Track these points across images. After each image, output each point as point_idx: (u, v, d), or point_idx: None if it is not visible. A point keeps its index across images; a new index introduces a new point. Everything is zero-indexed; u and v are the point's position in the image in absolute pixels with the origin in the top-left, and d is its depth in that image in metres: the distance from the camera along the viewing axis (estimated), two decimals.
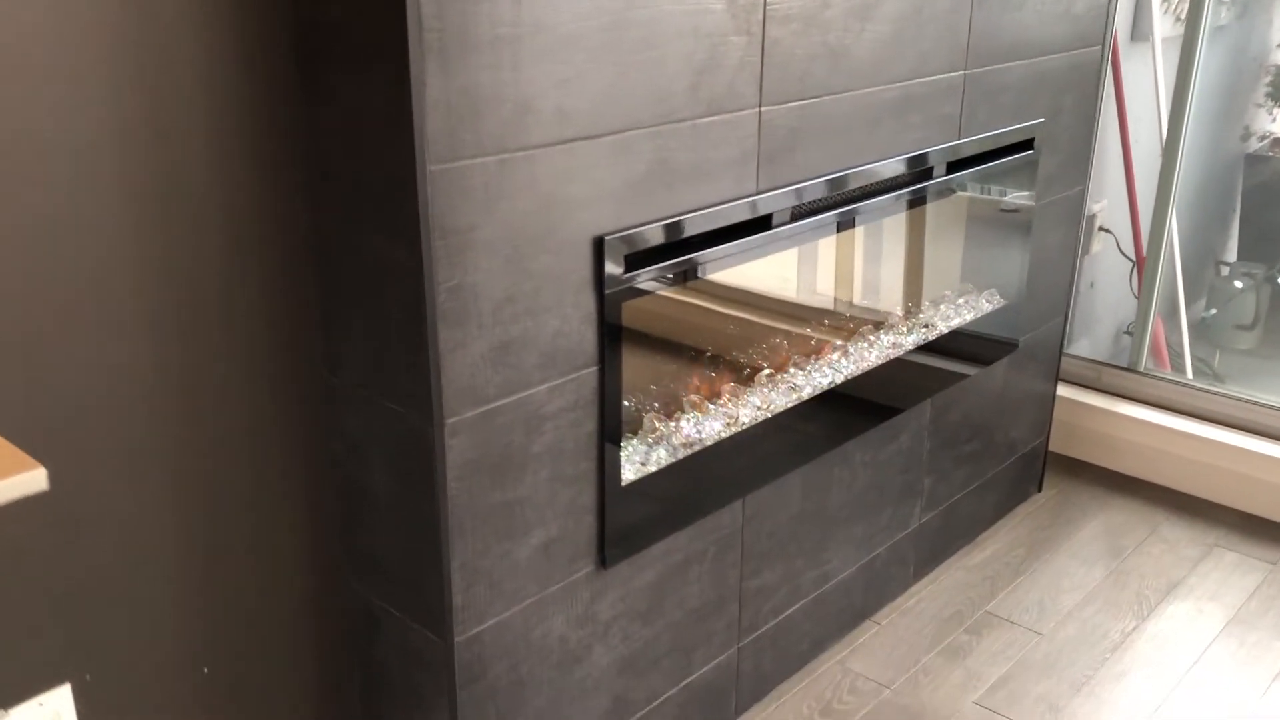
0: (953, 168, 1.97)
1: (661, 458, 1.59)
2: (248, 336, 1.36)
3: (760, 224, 1.62)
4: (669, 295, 1.61)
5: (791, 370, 1.85)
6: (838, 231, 1.84)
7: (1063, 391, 2.73)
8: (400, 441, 1.34)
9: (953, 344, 2.11)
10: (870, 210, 1.82)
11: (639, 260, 1.45)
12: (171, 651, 1.39)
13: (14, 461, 0.86)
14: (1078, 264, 2.82)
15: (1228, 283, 3.50)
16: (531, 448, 1.39)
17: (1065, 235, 2.39)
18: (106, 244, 1.21)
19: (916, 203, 2.00)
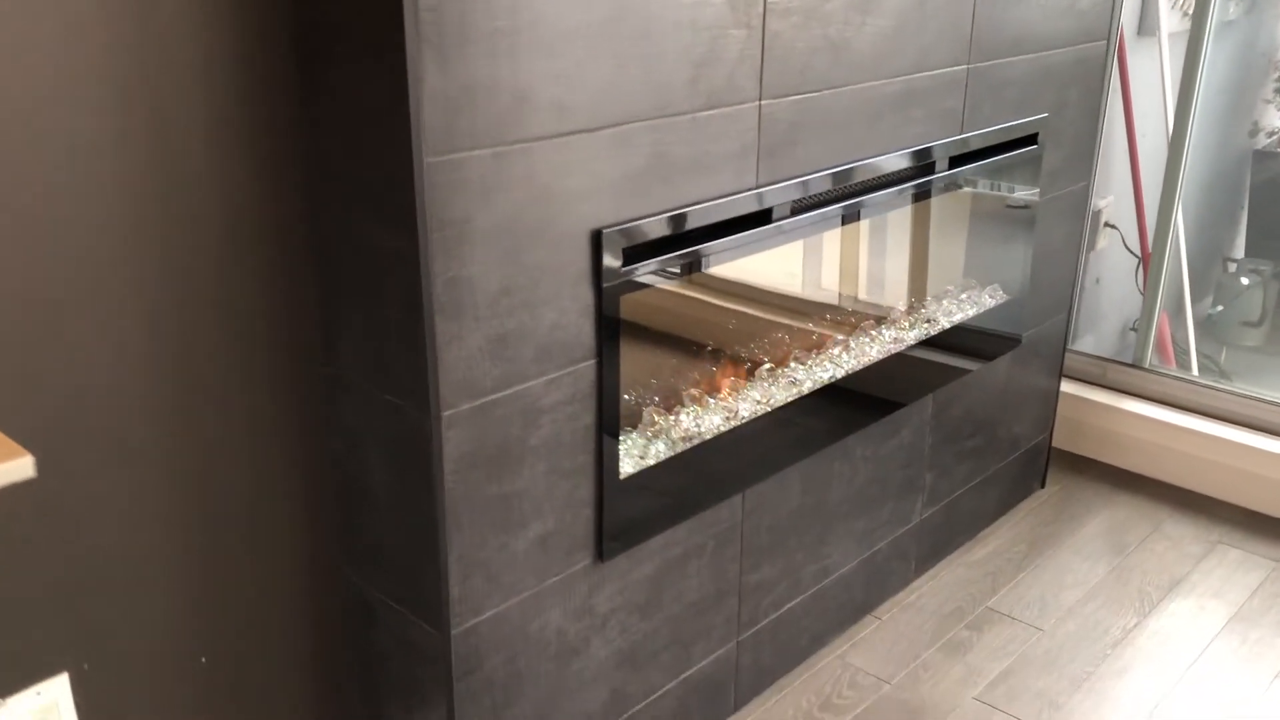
0: (955, 162, 1.97)
1: (660, 451, 1.59)
2: (246, 329, 1.36)
3: (760, 218, 1.61)
4: (668, 289, 1.61)
5: (792, 365, 1.85)
6: (839, 226, 1.84)
7: (1067, 388, 2.73)
8: (397, 434, 1.35)
9: (955, 339, 2.10)
10: (872, 205, 1.82)
11: (637, 254, 1.45)
12: (169, 642, 1.40)
13: (2, 450, 0.87)
14: (1083, 260, 2.82)
15: (1235, 279, 3.49)
16: (529, 441, 1.40)
17: (1069, 231, 2.38)
18: (105, 238, 1.22)
19: (919, 197, 1.99)
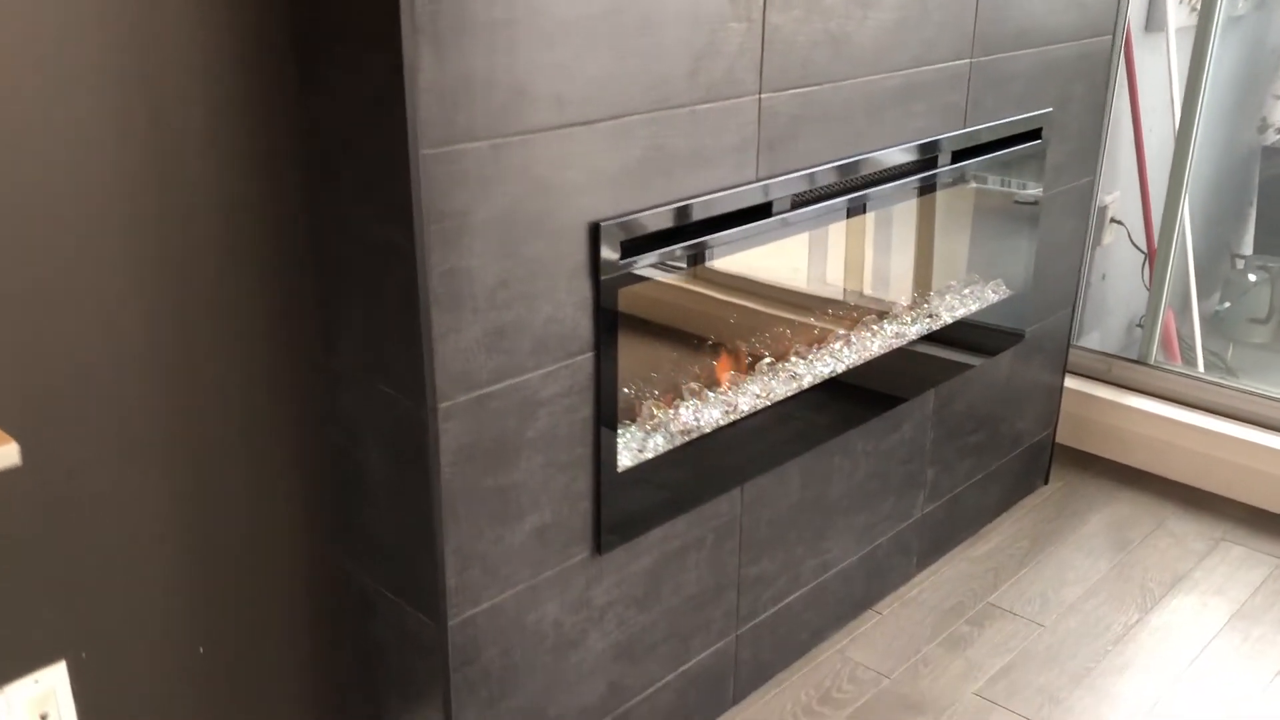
0: (958, 157, 1.96)
1: (659, 445, 1.59)
2: (244, 322, 1.36)
3: (760, 211, 1.61)
4: (667, 282, 1.61)
5: (793, 359, 1.85)
6: (840, 220, 1.84)
7: (1072, 384, 2.72)
8: (394, 426, 1.35)
9: (958, 334, 2.10)
10: (873, 199, 1.81)
11: (636, 247, 1.45)
12: (167, 631, 1.40)
13: None
14: (1089, 256, 2.81)
15: (1242, 276, 3.47)
16: (526, 433, 1.40)
17: (1074, 226, 2.37)
18: (104, 233, 1.22)
19: (921, 192, 1.99)
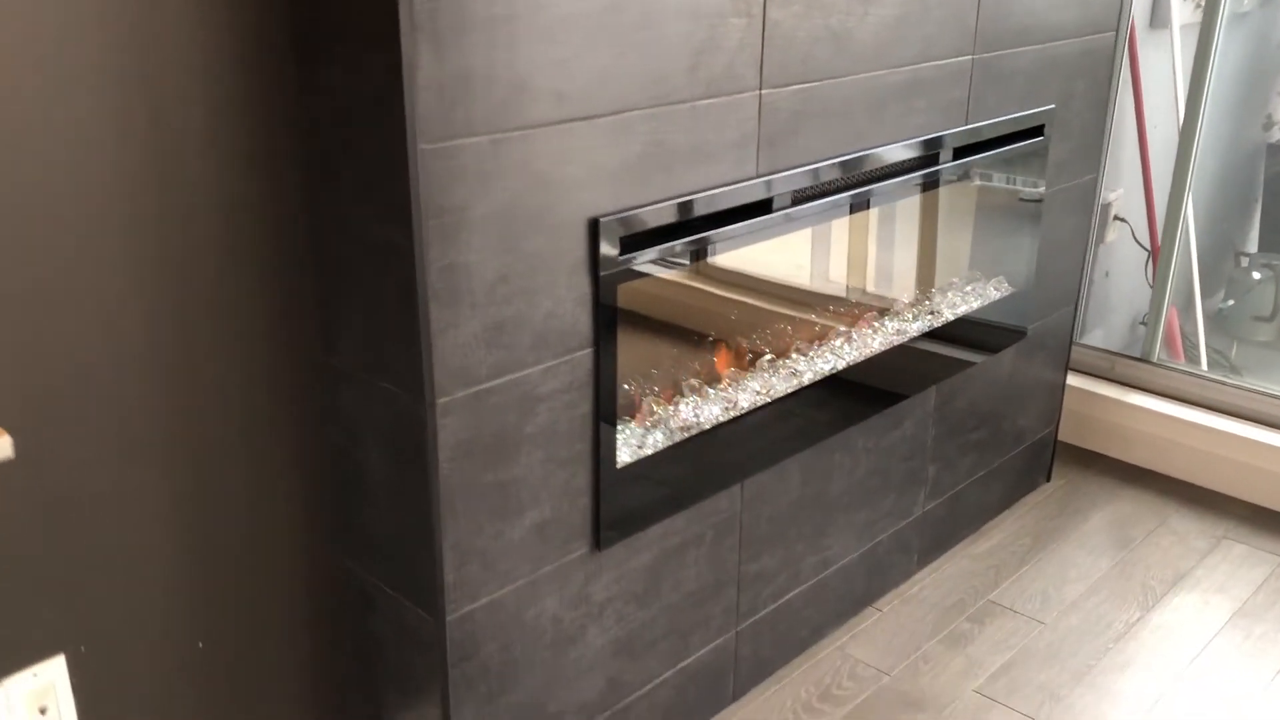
0: (960, 153, 1.96)
1: (658, 441, 1.59)
2: (243, 318, 1.37)
3: (761, 208, 1.61)
4: (667, 278, 1.61)
5: (794, 355, 1.84)
6: (841, 217, 1.83)
7: (1075, 382, 2.72)
8: (393, 421, 1.35)
9: (959, 331, 2.09)
10: (875, 195, 1.81)
11: (635, 242, 1.44)
12: (166, 625, 1.40)
13: None
14: (1092, 253, 2.80)
15: (1247, 274, 3.47)
16: (525, 429, 1.40)
17: (1076, 223, 2.36)
18: (104, 231, 1.22)
19: (923, 189, 1.99)
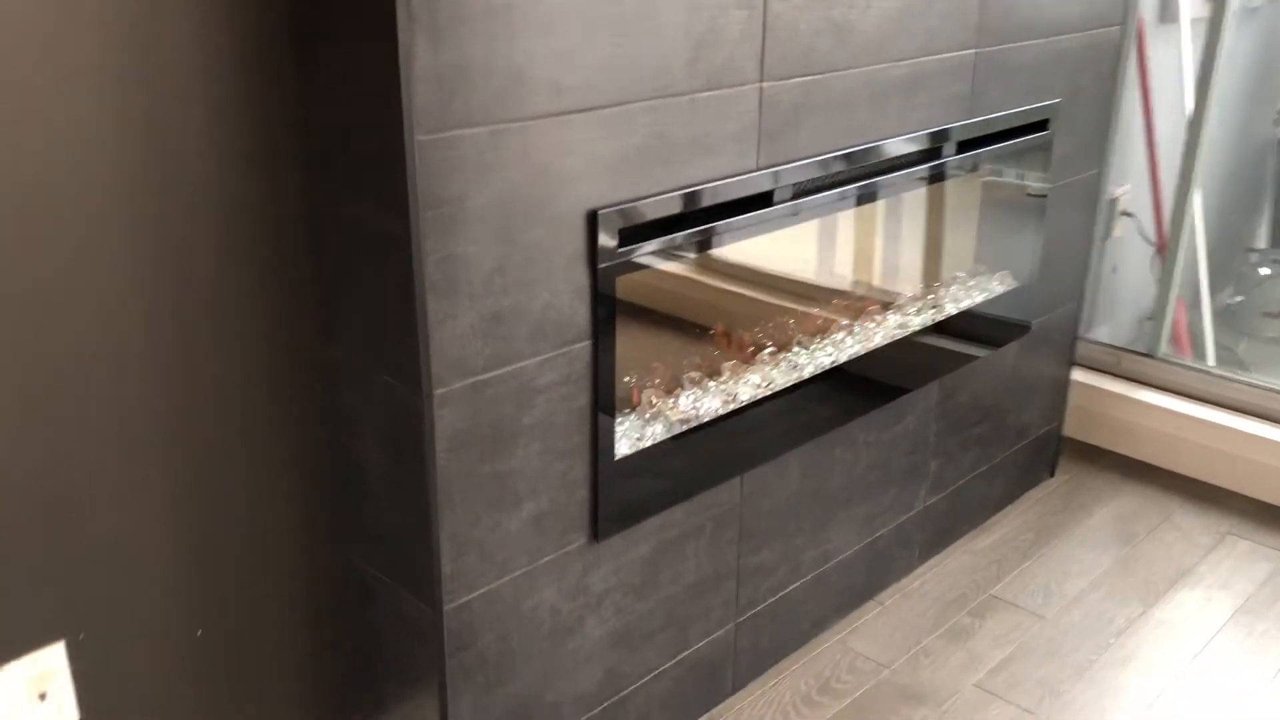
0: (963, 147, 1.95)
1: (658, 433, 1.60)
2: (242, 310, 1.37)
3: (761, 201, 1.61)
4: (666, 270, 1.60)
5: (795, 349, 1.84)
6: (842, 210, 1.83)
7: (1081, 377, 2.71)
8: (391, 412, 1.35)
9: (962, 325, 2.09)
10: (877, 189, 1.81)
11: (634, 235, 1.45)
12: (166, 613, 1.41)
13: None
14: (1099, 248, 2.79)
15: (1255, 270, 3.45)
16: (522, 420, 1.40)
17: (1082, 218, 2.36)
18: (103, 221, 1.23)
19: (926, 182, 1.98)
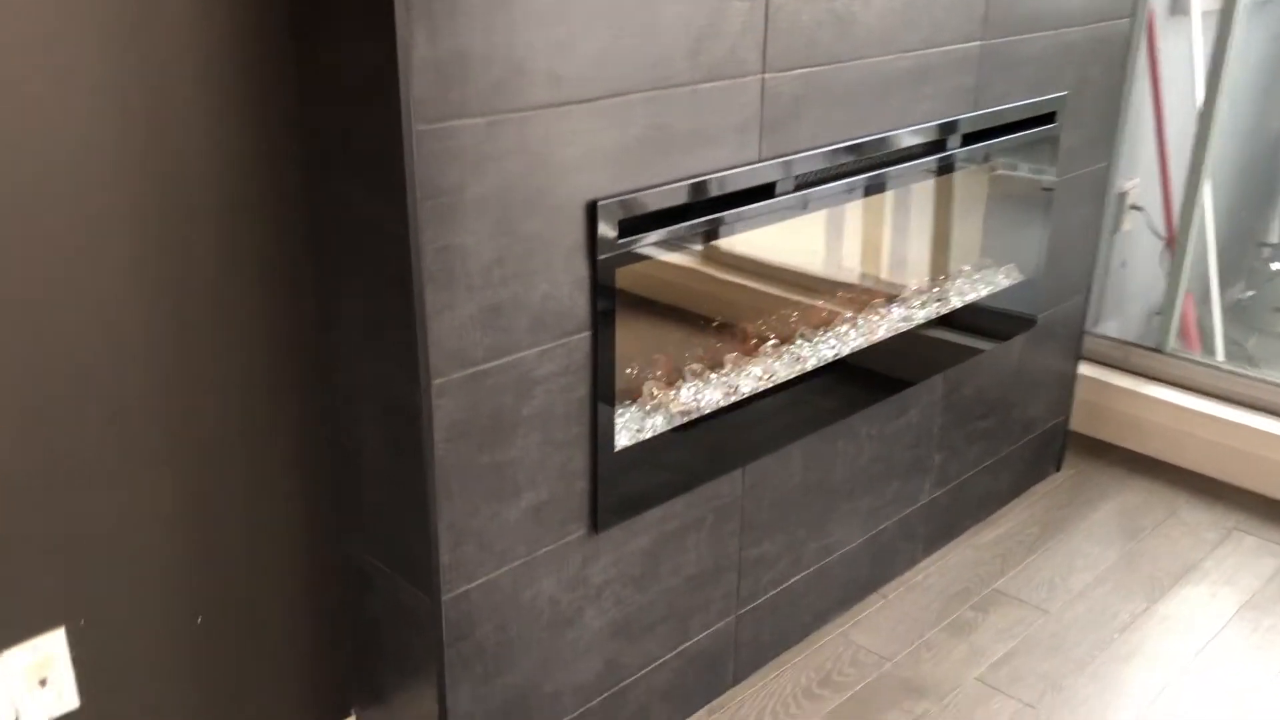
0: (969, 140, 1.94)
1: (658, 425, 1.60)
2: (241, 300, 1.38)
3: (763, 192, 1.61)
4: (666, 262, 1.60)
5: (797, 341, 1.84)
6: (845, 203, 1.82)
7: (1089, 371, 2.70)
8: (390, 402, 1.36)
9: (967, 318, 2.08)
10: (880, 182, 1.80)
11: (634, 226, 1.45)
12: (166, 600, 1.42)
13: None
14: (1107, 242, 2.78)
15: (1267, 264, 3.43)
16: (521, 411, 1.40)
17: (1089, 211, 2.35)
18: (101, 215, 1.23)
19: (931, 175, 1.97)
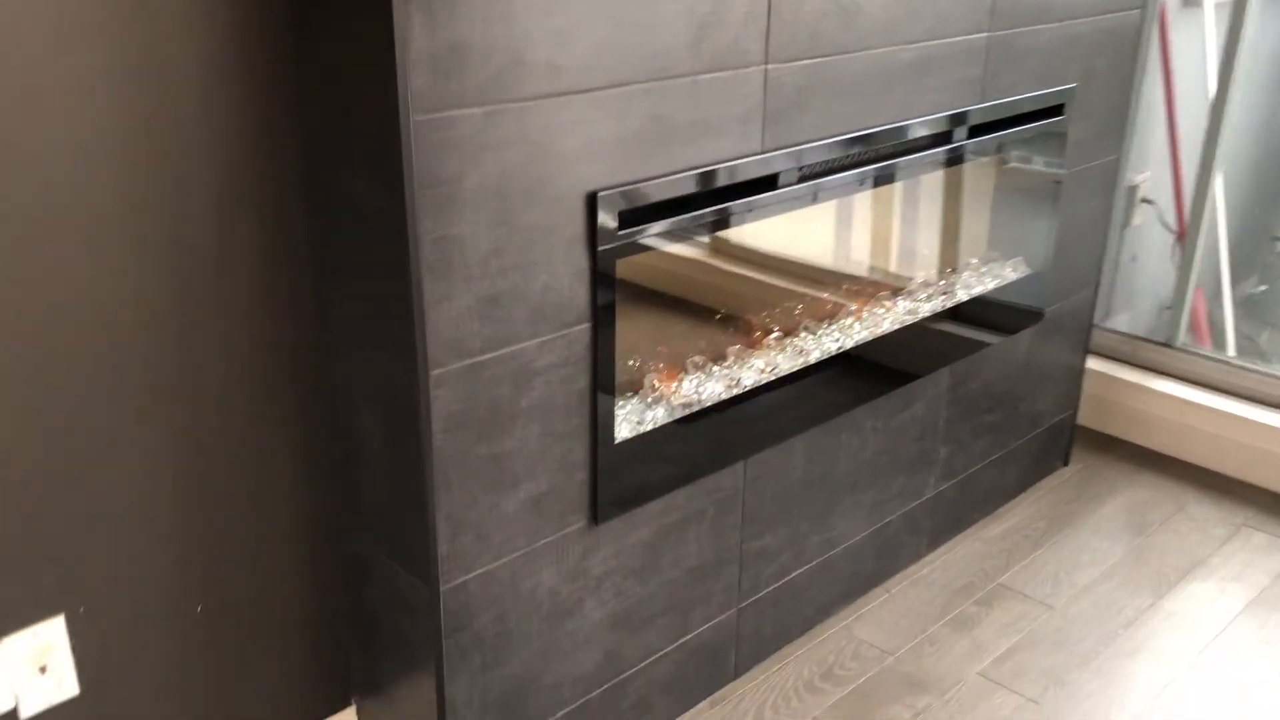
0: (976, 132, 1.93)
1: (659, 417, 1.59)
2: (241, 290, 1.38)
3: (765, 184, 1.60)
4: (667, 253, 1.60)
5: (801, 334, 1.84)
6: (849, 195, 1.82)
7: (1098, 366, 2.68)
8: (388, 393, 1.36)
9: (974, 311, 2.07)
10: (884, 174, 1.79)
11: (634, 217, 1.44)
12: (166, 589, 1.43)
13: None
14: (1118, 236, 2.76)
15: None
16: (520, 402, 1.40)
17: (1098, 205, 2.33)
18: (100, 205, 1.24)
19: (936, 167, 1.96)
